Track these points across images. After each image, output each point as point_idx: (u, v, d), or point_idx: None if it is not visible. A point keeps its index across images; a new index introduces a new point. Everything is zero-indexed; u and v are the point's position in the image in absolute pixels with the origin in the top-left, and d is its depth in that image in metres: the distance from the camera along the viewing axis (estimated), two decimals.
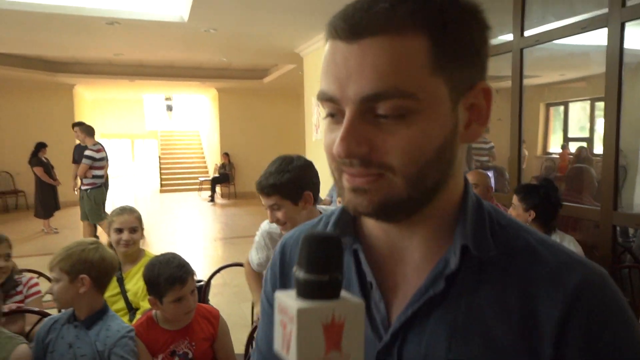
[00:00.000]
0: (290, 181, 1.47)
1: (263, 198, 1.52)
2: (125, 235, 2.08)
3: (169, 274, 1.52)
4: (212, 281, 2.51)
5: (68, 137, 10.23)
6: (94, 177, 5.71)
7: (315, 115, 6.46)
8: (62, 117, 10.16)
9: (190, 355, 1.60)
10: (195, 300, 1.60)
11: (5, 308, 1.79)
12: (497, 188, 3.82)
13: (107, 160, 6.07)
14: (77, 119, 10.52)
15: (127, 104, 15.69)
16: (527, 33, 3.09)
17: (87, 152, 5.64)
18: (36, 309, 1.92)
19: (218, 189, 11.49)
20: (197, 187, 12.48)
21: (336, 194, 4.66)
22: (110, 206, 3.88)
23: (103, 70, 9.34)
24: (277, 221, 1.52)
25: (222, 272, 2.64)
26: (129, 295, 2.06)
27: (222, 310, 1.80)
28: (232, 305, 3.91)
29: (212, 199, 11.05)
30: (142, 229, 2.19)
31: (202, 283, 2.39)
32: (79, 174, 5.76)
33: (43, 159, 7.84)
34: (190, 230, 8.11)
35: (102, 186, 5.89)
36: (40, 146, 7.86)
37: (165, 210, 10.21)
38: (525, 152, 5.21)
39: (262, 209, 1.55)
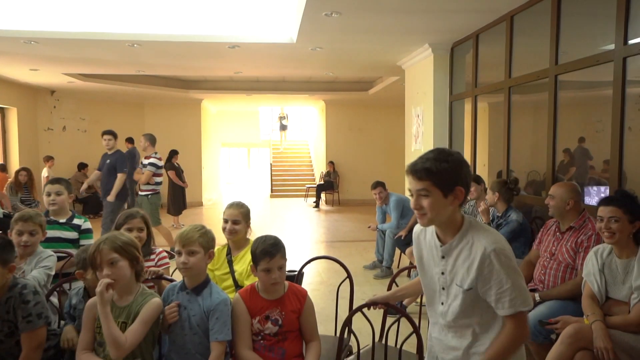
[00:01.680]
0: (447, 171, 1.40)
1: (413, 181, 1.43)
2: (228, 226, 2.53)
3: (263, 248, 1.90)
4: (310, 279, 2.83)
5: (196, 145, 11.66)
6: (155, 183, 6.10)
7: (415, 126, 6.60)
8: (192, 127, 11.63)
9: (280, 322, 1.96)
10: (282, 275, 1.95)
11: (148, 275, 2.31)
12: None
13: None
14: (203, 130, 11.93)
15: (245, 115, 17.22)
16: (631, 41, 2.97)
17: (151, 160, 6.05)
18: (169, 277, 2.44)
19: (323, 195, 12.09)
20: (304, 193, 13.24)
21: None
22: (221, 208, 4.32)
23: (225, 86, 10.50)
24: (420, 209, 1.43)
25: (321, 271, 2.96)
26: (236, 275, 2.50)
27: (316, 304, 2.13)
28: (327, 301, 4.24)
29: (317, 205, 11.66)
30: (248, 223, 2.61)
31: (295, 273, 2.77)
32: (143, 181, 6.04)
33: (175, 164, 9.08)
34: (295, 232, 8.72)
35: (159, 192, 6.18)
36: (174, 153, 9.13)
37: (274, 213, 11.06)
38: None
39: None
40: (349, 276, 2.71)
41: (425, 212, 1.42)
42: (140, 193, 6.11)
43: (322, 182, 12.20)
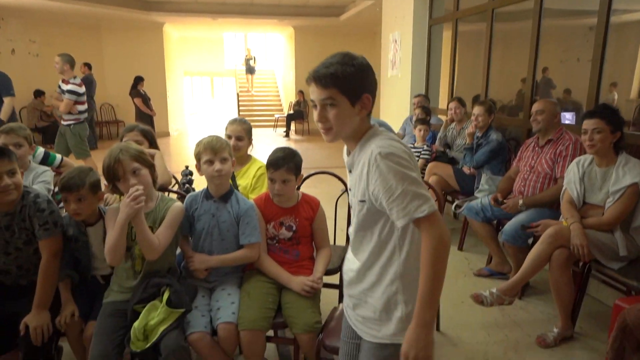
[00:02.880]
0: (354, 76, 1.21)
1: (316, 90, 1.24)
2: (232, 142, 2.54)
3: (272, 158, 2.04)
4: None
5: (159, 73, 11.12)
6: (79, 112, 5.27)
7: (392, 52, 6.57)
8: (154, 53, 11.03)
9: (294, 228, 2.07)
10: (286, 189, 2.03)
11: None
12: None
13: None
14: (165, 57, 11.34)
15: (208, 42, 16.40)
16: None
17: (69, 87, 5.15)
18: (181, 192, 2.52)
19: (293, 125, 12.04)
20: (273, 124, 13.12)
21: (412, 126, 4.90)
22: (197, 137, 4.16)
23: (189, 8, 9.89)
24: (325, 121, 1.25)
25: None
26: (240, 189, 2.56)
27: None
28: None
29: (287, 135, 11.66)
30: (250, 140, 2.64)
31: None
32: (63, 110, 5.19)
33: (142, 91, 8.70)
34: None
35: (84, 121, 5.39)
36: (139, 79, 8.71)
37: None
38: (615, 95, 5.04)
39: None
40: (346, 188, 2.83)
41: (331, 125, 1.25)
42: (62, 123, 5.30)
43: (291, 112, 12.10)
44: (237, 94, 14.30)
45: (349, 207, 2.76)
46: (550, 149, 3.00)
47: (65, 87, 5.20)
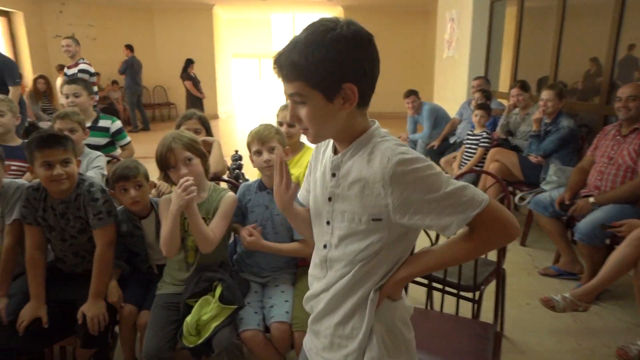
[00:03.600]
0: (325, 61, 0.88)
1: (283, 82, 0.95)
2: (284, 129, 2.43)
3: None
4: None
5: (208, 55, 11.20)
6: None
7: (449, 31, 6.22)
8: (204, 36, 11.09)
9: None
10: None
11: None
12: None
13: None
14: (215, 39, 11.39)
15: (256, 24, 16.36)
16: None
17: (82, 67, 5.00)
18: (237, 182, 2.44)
19: None
20: None
21: (470, 111, 4.61)
22: (244, 120, 4.03)
23: None
24: (298, 121, 0.97)
25: None
26: (293, 179, 2.44)
27: None
28: None
29: None
30: None
31: None
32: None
33: (192, 74, 8.79)
34: None
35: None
36: (189, 62, 8.80)
37: None
38: None
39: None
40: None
41: (307, 126, 0.96)
42: None
43: None
44: None
45: None
46: (636, 139, 2.68)
47: (74, 70, 5.00)
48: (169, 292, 1.83)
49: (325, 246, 1.06)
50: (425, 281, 2.09)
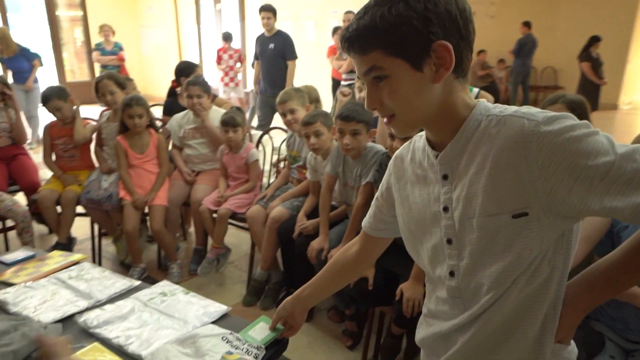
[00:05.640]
0: (407, 18, 0.70)
1: (355, 59, 0.76)
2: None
3: None
4: None
5: (621, 32, 9.28)
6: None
7: None
8: (617, 9, 9.17)
9: None
10: None
11: None
12: None
13: None
14: (638, 16, 9.26)
15: None
16: None
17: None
18: None
19: None
20: None
21: None
22: None
23: None
24: (381, 107, 0.77)
25: None
26: None
27: None
28: None
29: None
30: None
31: None
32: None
33: (593, 54, 7.51)
34: None
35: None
36: (594, 40, 7.52)
37: None
38: None
39: None
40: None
41: (392, 110, 0.76)
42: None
43: None
44: None
45: None
46: None
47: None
48: None
49: (452, 274, 0.81)
50: None
